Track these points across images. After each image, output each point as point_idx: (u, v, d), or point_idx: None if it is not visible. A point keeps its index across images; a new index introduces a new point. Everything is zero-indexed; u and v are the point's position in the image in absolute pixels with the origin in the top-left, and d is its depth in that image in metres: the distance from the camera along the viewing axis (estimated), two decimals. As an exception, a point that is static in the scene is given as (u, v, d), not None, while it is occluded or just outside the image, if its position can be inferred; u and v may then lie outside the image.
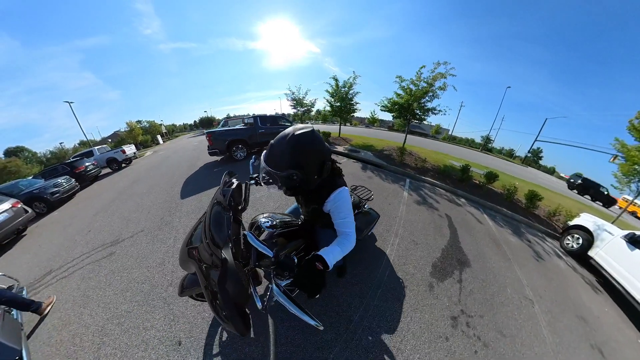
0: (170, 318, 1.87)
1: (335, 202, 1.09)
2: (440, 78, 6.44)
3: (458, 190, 5.52)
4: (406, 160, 7.27)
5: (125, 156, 11.69)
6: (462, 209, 4.56)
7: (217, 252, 0.97)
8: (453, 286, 2.40)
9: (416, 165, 6.85)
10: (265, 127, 7.34)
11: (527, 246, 3.76)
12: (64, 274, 2.75)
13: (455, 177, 6.34)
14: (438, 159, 8.65)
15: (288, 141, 0.97)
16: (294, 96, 10.81)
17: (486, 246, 3.34)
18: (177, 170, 6.99)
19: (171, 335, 1.74)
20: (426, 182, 5.82)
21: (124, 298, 2.17)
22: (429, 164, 7.47)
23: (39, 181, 7.19)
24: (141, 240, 3.15)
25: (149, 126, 27.59)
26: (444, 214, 4.03)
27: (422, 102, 7.03)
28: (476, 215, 4.41)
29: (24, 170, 23.22)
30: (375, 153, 8.09)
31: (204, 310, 1.91)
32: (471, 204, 5.05)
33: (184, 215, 3.64)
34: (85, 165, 8.98)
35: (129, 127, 23.13)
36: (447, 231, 3.47)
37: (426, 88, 6.74)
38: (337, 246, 1.02)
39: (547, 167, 41.41)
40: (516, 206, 5.43)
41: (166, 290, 2.16)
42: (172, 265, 2.50)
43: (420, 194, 4.87)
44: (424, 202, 4.43)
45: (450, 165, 7.83)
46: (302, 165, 0.98)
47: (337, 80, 9.20)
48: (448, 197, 5.05)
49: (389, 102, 7.74)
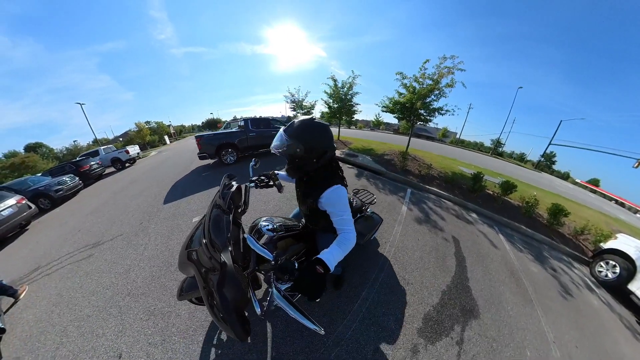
0: (119, 329, 1.87)
1: (330, 198, 1.11)
2: (448, 74, 5.69)
3: (468, 203, 4.75)
4: (409, 167, 6.50)
5: (129, 156, 11.95)
6: (474, 228, 3.82)
7: (216, 255, 0.96)
8: (449, 350, 1.73)
9: (420, 173, 6.07)
10: (256, 130, 7.05)
11: (552, 277, 3.04)
12: (48, 272, 2.87)
13: (465, 186, 5.54)
14: (445, 165, 7.80)
15: (305, 121, 1.12)
16: (293, 98, 10.28)
17: (502, 282, 2.63)
18: (172, 172, 6.98)
19: (115, 346, 1.74)
20: (431, 193, 5.07)
21: (88, 302, 2.21)
22: (435, 170, 6.68)
23: (46, 178, 7.43)
24: (118, 244, 3.18)
25: (157, 127, 27.94)
26: (450, 237, 3.29)
27: (427, 101, 6.28)
28: (490, 236, 3.66)
29: (40, 166, 23.95)
30: (374, 158, 7.37)
31: (148, 327, 1.85)
32: (484, 220, 4.30)
33: (160, 222, 3.60)
34: (90, 164, 9.23)
35: (138, 128, 23.55)
36: (453, 262, 2.76)
37: (431, 86, 5.97)
38: (336, 246, 0.99)
39: (560, 172, 38.97)
40: (536, 222, 4.64)
41: (124, 299, 2.16)
42: (135, 274, 2.49)
43: (423, 208, 4.16)
44: (426, 219, 3.71)
45: (460, 173, 7.01)
46: (308, 143, 1.08)
47: (336, 80, 8.58)
48: (456, 212, 4.31)
49: (390, 101, 7.01)
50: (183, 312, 1.91)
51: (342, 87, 8.62)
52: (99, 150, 11.91)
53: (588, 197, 14.40)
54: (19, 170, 23.03)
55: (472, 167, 9.31)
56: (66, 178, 7.24)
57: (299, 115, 11.03)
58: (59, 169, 9.11)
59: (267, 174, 1.57)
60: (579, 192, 16.44)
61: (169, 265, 2.51)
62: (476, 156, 18.42)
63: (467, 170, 7.88)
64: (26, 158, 25.25)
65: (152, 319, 1.89)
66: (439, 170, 6.74)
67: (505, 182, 5.20)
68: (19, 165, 23.70)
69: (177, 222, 3.48)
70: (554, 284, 2.91)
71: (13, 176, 22.06)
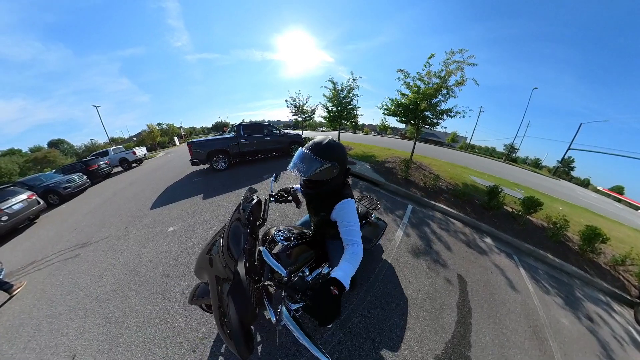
0: (80, 330, 1.91)
1: (341, 210, 1.11)
2: (457, 71, 4.93)
3: (482, 224, 3.98)
4: (412, 176, 5.76)
5: (136, 157, 12.29)
6: (487, 260, 3.08)
7: (230, 264, 0.97)
8: None
9: (425, 184, 5.30)
10: (248, 136, 6.83)
11: (587, 332, 2.30)
12: (40, 267, 3.01)
13: (478, 202, 4.74)
14: (455, 174, 6.94)
15: (331, 143, 1.12)
16: (294, 103, 9.83)
17: (520, 348, 1.91)
18: (168, 175, 7.04)
19: (73, 346, 1.77)
20: (437, 210, 4.35)
21: (64, 300, 2.28)
22: (444, 181, 5.88)
23: (58, 175, 7.83)
24: (102, 247, 3.25)
25: (167, 128, 28.48)
26: (454, 276, 2.58)
27: (434, 102, 5.53)
28: (508, 272, 2.92)
29: (59, 161, 25.18)
30: (374, 165, 6.67)
31: (101, 333, 1.87)
32: (501, 247, 3.54)
33: (142, 228, 3.60)
34: (99, 164, 9.57)
35: (149, 129, 24.13)
36: (453, 317, 2.06)
37: (439, 84, 5.22)
38: (347, 263, 0.97)
39: (580, 179, 36.04)
40: (565, 247, 3.80)
41: (91, 302, 2.20)
42: (106, 278, 2.52)
43: (424, 232, 3.45)
44: (426, 249, 3.00)
45: (472, 184, 6.17)
46: (340, 162, 1.12)
47: (335, 83, 8.00)
48: (467, 237, 3.56)
49: (392, 103, 6.28)
50: (132, 324, 1.90)
51: (341, 90, 8.04)
52: (108, 151, 12.26)
53: (615, 208, 12.89)
54: (41, 164, 24.49)
55: (486, 176, 8.41)
56: (75, 176, 7.57)
57: (300, 119, 10.58)
58: (70, 167, 9.52)
59: (287, 189, 1.62)
60: (605, 202, 14.85)
61: (134, 275, 2.50)
62: (489, 163, 17.21)
63: (480, 180, 7.03)
64: (48, 153, 26.87)
65: (107, 326, 1.91)
66: (447, 182, 5.95)
67: (529, 199, 4.29)
68: (41, 160, 25.24)
69: (154, 231, 3.42)
70: (591, 342, 2.18)
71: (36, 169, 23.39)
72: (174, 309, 1.97)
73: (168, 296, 2.12)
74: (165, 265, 2.56)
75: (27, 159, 26.59)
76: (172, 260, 2.64)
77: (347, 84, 7.94)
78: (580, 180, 36.00)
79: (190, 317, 1.87)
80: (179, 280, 2.31)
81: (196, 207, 4.12)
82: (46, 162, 24.75)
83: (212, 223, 3.43)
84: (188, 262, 2.56)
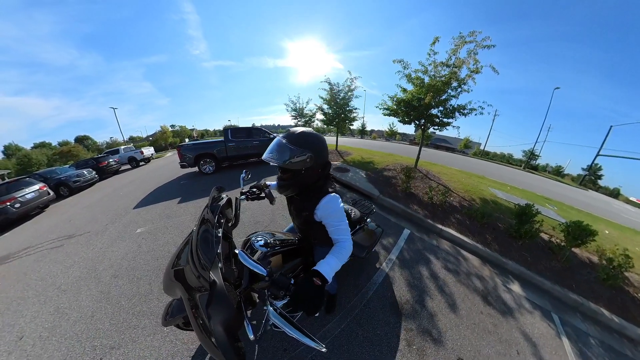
0: (35, 315, 2.01)
1: (326, 208, 1.02)
2: (469, 59, 4.00)
3: (509, 260, 2.90)
4: (416, 188, 4.72)
5: (143, 156, 13.03)
6: (513, 324, 2.06)
7: (204, 273, 0.85)
8: None
9: (431, 199, 4.17)
10: (236, 140, 6.72)
11: None
12: (31, 252, 3.19)
13: (503, 226, 3.58)
14: (470, 186, 5.56)
15: (305, 131, 1.01)
16: (294, 106, 9.28)
17: None
18: (163, 176, 7.12)
19: (24, 328, 1.87)
20: (444, 238, 3.31)
21: (34, 285, 2.43)
22: (456, 195, 4.71)
23: (71, 170, 8.36)
24: (81, 240, 3.34)
25: (180, 130, 29.24)
26: None
27: (443, 97, 4.58)
28: (544, 348, 1.89)
29: (82, 155, 26.57)
30: (370, 173, 5.67)
31: (48, 321, 1.93)
32: (535, 297, 2.49)
33: (119, 227, 3.65)
34: (108, 161, 10.16)
35: (162, 130, 24.93)
36: None
37: (449, 76, 4.27)
38: (332, 257, 0.92)
39: (609, 189, 32.31)
40: (625, 296, 2.65)
41: (53, 291, 2.30)
42: (72, 271, 2.60)
43: (419, 276, 2.48)
44: (414, 308, 2.08)
45: (493, 199, 4.94)
46: (316, 152, 0.99)
47: (331, 83, 7.30)
48: (484, 283, 2.53)
49: (392, 100, 5.33)
50: (72, 318, 1.93)
51: (339, 91, 7.29)
52: (119, 149, 12.89)
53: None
54: (66, 157, 26.06)
55: (508, 188, 7.00)
56: (85, 171, 8.01)
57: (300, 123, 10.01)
58: (83, 163, 10.20)
59: (258, 184, 1.49)
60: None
61: (93, 271, 2.56)
62: (507, 171, 15.56)
63: (501, 194, 5.70)
64: (73, 148, 28.70)
65: (55, 315, 1.99)
66: (460, 196, 4.76)
67: (577, 225, 2.97)
68: (66, 153, 26.87)
69: (126, 231, 3.45)
70: None
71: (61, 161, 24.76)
72: (106, 311, 1.96)
73: (108, 297, 2.12)
74: (118, 266, 2.57)
75: (55, 152, 28.37)
76: (126, 262, 2.64)
77: (345, 84, 7.19)
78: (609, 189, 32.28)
79: (115, 323, 1.84)
80: (122, 282, 2.29)
81: (169, 210, 4.08)
82: (70, 156, 26.25)
83: (172, 229, 3.33)
84: (136, 267, 2.52)
